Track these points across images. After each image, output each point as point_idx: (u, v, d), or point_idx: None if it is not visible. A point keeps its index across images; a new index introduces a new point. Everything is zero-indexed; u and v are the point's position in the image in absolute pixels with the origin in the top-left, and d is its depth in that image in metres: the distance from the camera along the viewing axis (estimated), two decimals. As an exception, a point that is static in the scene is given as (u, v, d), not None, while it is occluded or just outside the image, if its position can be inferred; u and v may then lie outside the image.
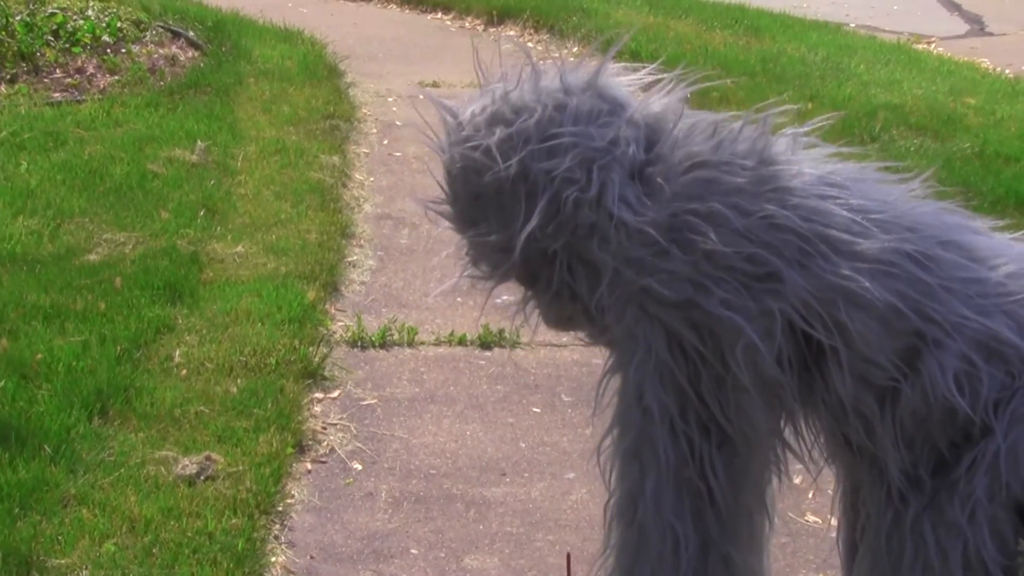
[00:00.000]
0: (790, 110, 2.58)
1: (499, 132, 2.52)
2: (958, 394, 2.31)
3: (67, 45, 8.38)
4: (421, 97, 8.43)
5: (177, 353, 4.58)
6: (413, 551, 3.69)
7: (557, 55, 9.78)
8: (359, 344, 4.90)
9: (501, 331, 4.97)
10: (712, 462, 2.36)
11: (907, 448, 2.37)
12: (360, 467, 4.11)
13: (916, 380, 2.33)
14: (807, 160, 2.46)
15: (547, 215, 2.42)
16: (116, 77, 8.06)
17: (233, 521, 3.64)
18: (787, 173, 2.39)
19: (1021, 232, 2.61)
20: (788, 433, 2.50)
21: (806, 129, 2.50)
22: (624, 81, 2.59)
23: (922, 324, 2.32)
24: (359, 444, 4.24)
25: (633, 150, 2.41)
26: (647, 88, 2.56)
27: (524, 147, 2.45)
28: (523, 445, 4.27)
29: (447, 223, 2.80)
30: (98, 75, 8.10)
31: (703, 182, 2.35)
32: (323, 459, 4.14)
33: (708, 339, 2.32)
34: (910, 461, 2.38)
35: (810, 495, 3.89)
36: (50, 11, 8.68)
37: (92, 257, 5.30)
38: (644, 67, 2.67)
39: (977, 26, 11.73)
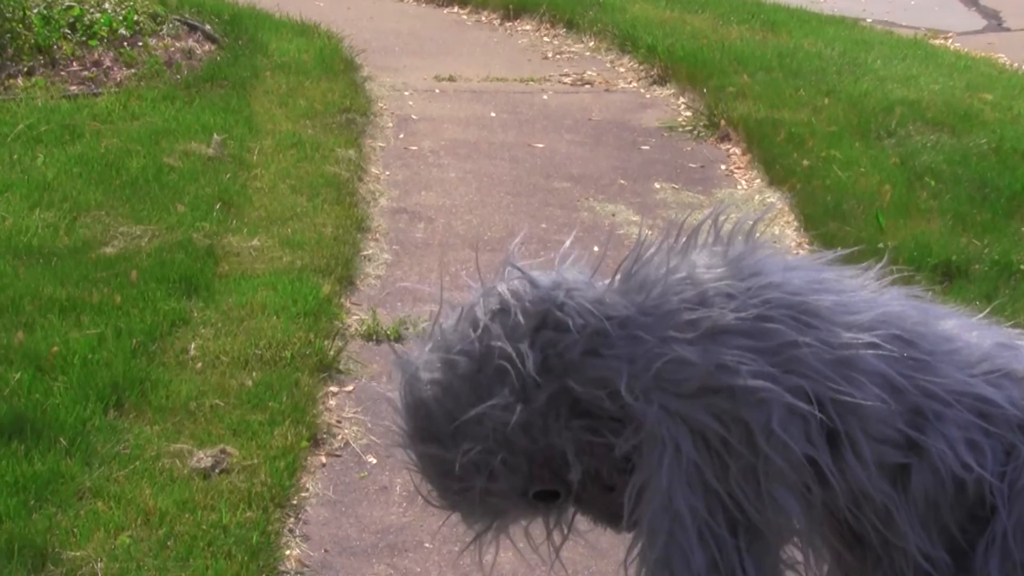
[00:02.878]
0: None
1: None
2: (964, 467, 2.29)
3: (84, 38, 8.39)
4: (437, 91, 8.44)
5: (192, 346, 4.59)
6: (427, 545, 3.69)
7: (575, 49, 9.78)
8: (374, 338, 4.90)
9: (516, 325, 4.96)
10: (743, 562, 2.31)
11: (925, 533, 2.35)
12: (375, 461, 4.12)
13: (924, 457, 2.31)
14: (767, 252, 2.41)
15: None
16: (133, 70, 8.06)
17: (248, 514, 3.64)
18: (756, 261, 2.36)
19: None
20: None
21: (757, 218, 2.42)
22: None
23: (920, 399, 2.30)
24: (374, 438, 4.24)
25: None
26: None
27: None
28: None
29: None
30: (115, 68, 8.11)
31: (681, 280, 2.31)
32: (338, 453, 4.15)
33: (733, 427, 2.23)
34: (926, 548, 2.35)
35: None
36: (67, 4, 8.68)
37: (108, 250, 5.31)
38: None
39: (994, 22, 11.71)
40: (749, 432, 2.23)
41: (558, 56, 9.70)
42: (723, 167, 7.12)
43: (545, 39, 10.23)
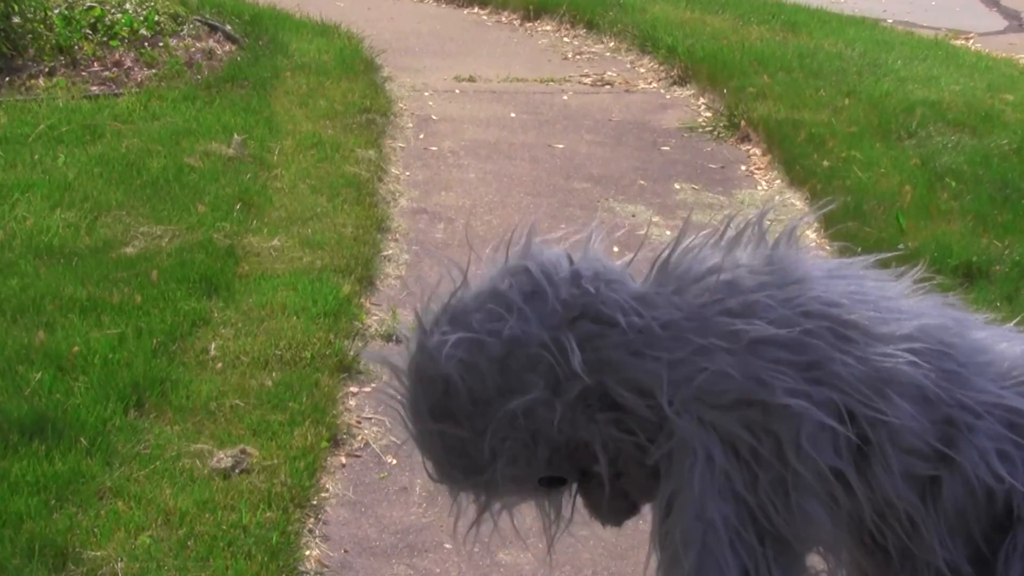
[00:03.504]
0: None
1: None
2: (996, 478, 2.28)
3: (105, 39, 8.41)
4: (457, 92, 8.44)
5: (213, 346, 4.59)
6: (447, 545, 3.69)
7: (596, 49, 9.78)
8: (394, 338, 4.90)
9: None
10: (772, 571, 2.28)
11: (951, 543, 2.34)
12: (395, 461, 4.12)
13: (955, 468, 2.30)
14: (810, 257, 2.40)
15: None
16: (153, 71, 8.08)
17: (268, 514, 3.65)
18: (799, 266, 2.34)
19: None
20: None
21: (803, 221, 2.41)
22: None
23: (954, 410, 2.29)
24: (394, 438, 4.24)
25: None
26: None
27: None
28: (557, 440, 4.26)
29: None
30: (135, 69, 8.13)
31: (724, 284, 2.27)
32: (357, 453, 4.15)
33: (764, 439, 2.22)
34: (951, 558, 2.34)
35: None
36: (88, 5, 8.70)
37: (129, 250, 5.32)
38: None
39: (1015, 22, 11.68)
40: (779, 445, 2.22)
41: (578, 57, 9.69)
42: (743, 168, 7.11)
43: (565, 40, 10.23)
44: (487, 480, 2.34)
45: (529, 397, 2.21)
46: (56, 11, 8.40)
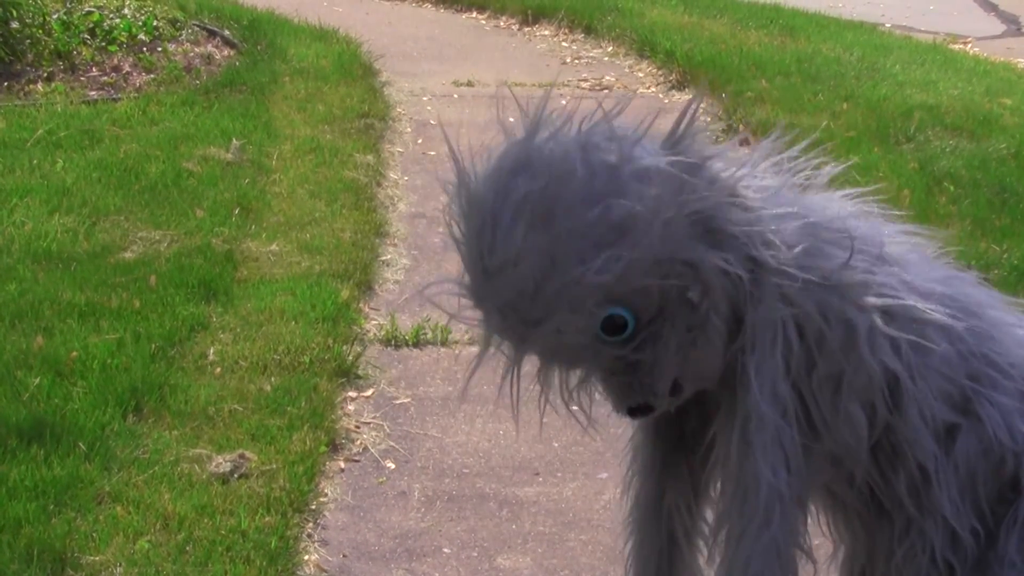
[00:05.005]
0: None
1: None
2: (1012, 436, 2.30)
3: (103, 44, 8.41)
4: (456, 96, 8.45)
5: (211, 351, 4.59)
6: (446, 550, 3.69)
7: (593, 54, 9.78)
8: (393, 343, 4.91)
9: (534, 331, 4.96)
10: (802, 473, 2.29)
11: (960, 504, 2.35)
12: (393, 466, 4.12)
13: (974, 421, 2.32)
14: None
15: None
16: (152, 76, 8.09)
17: (266, 519, 3.65)
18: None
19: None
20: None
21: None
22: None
23: (980, 365, 2.32)
24: (392, 443, 4.25)
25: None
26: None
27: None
28: (556, 445, 4.27)
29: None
30: (134, 73, 8.13)
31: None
32: (356, 458, 4.15)
33: (835, 326, 2.23)
34: (958, 520, 2.35)
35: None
36: (87, 10, 8.71)
37: (127, 255, 5.32)
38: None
39: (1014, 26, 11.68)
40: (851, 336, 2.24)
41: (576, 61, 9.70)
42: (742, 172, 7.10)
43: (563, 44, 10.23)
44: (557, 299, 2.13)
45: (641, 202, 2.10)
46: (55, 16, 8.40)
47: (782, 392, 2.22)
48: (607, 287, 2.08)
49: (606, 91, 8.79)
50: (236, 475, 3.86)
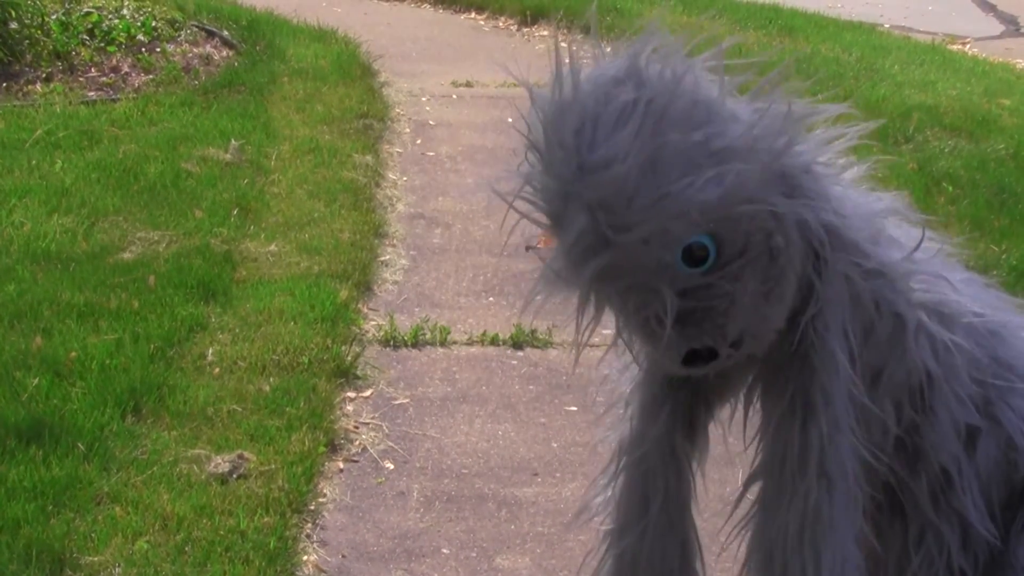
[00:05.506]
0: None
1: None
2: None
3: (102, 44, 8.41)
4: (455, 97, 8.44)
5: (210, 352, 4.59)
6: (444, 550, 3.69)
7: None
8: (391, 343, 4.91)
9: (534, 331, 4.97)
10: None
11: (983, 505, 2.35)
12: (392, 466, 4.12)
13: (995, 424, 2.32)
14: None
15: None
16: (151, 76, 8.08)
17: (265, 519, 3.65)
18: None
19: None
20: None
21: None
22: None
23: (998, 368, 2.32)
24: (391, 443, 4.25)
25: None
26: None
27: None
28: (555, 445, 4.27)
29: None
30: (133, 74, 8.13)
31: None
32: (355, 458, 4.15)
33: (886, 317, 2.25)
34: (980, 522, 2.34)
35: None
36: (85, 10, 8.71)
37: (126, 256, 5.32)
38: None
39: (1012, 27, 11.68)
40: (899, 329, 2.25)
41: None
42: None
43: (563, 44, 10.21)
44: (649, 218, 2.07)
45: (739, 139, 2.10)
46: (53, 17, 8.40)
47: (847, 367, 2.22)
48: (705, 206, 2.04)
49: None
50: (235, 475, 3.86)
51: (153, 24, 8.83)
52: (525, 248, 2.32)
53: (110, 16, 8.75)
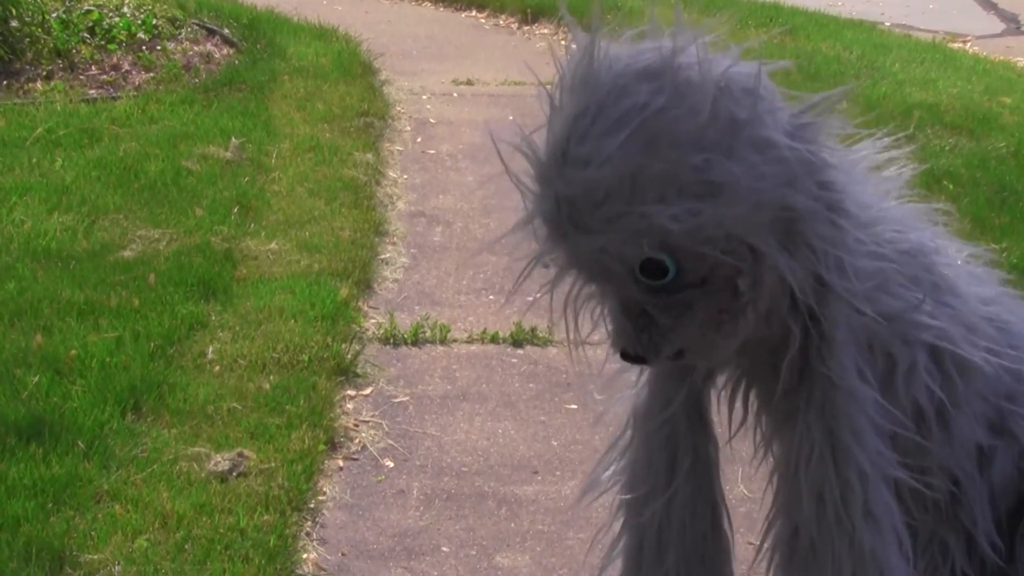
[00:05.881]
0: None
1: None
2: None
3: (103, 42, 8.41)
4: (455, 95, 8.44)
5: (210, 350, 4.59)
6: (444, 549, 3.69)
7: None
8: (391, 341, 4.91)
9: (534, 329, 4.97)
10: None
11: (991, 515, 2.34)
12: (392, 464, 4.12)
13: (1009, 441, 2.31)
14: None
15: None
16: (151, 74, 8.08)
17: (265, 518, 3.65)
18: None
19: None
20: None
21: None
22: None
23: (1014, 383, 2.31)
24: (391, 441, 4.24)
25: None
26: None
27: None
28: (555, 443, 4.27)
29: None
30: (133, 72, 8.13)
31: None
32: (355, 456, 4.15)
33: (878, 358, 2.21)
34: (990, 535, 2.33)
35: None
36: (86, 8, 8.71)
37: (126, 254, 5.32)
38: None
39: (1013, 25, 11.67)
40: (891, 367, 2.22)
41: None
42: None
43: (563, 43, 10.21)
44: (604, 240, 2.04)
45: (746, 172, 2.02)
46: (54, 15, 8.40)
47: (872, 400, 2.19)
48: (670, 235, 2.00)
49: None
50: (235, 473, 3.86)
51: (154, 22, 8.83)
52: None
53: (111, 14, 8.75)
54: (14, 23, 8.00)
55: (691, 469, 2.53)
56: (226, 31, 9.21)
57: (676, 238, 2.00)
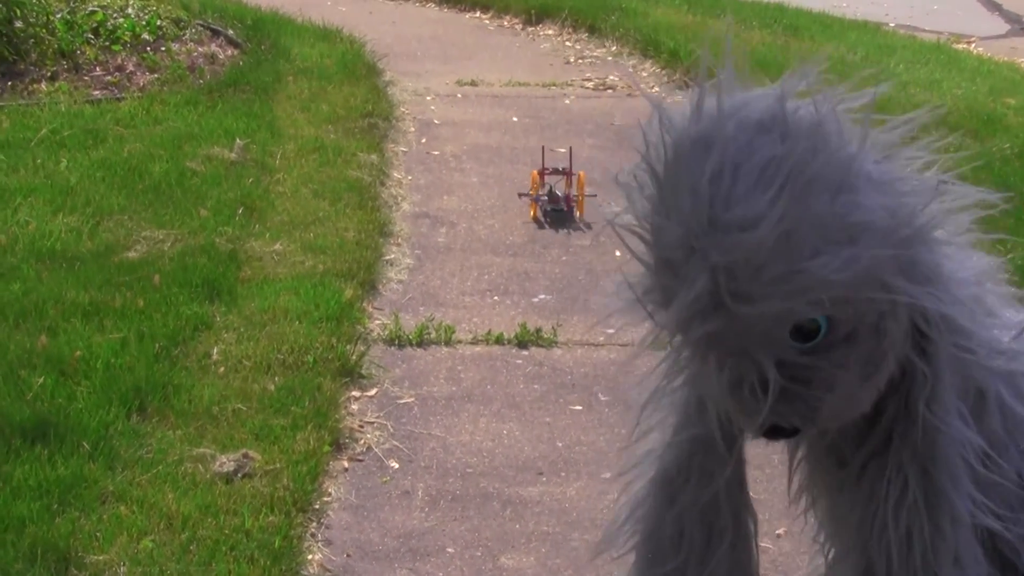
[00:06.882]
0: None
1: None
2: None
3: (107, 43, 8.41)
4: (459, 96, 8.44)
5: (215, 351, 4.59)
6: (449, 550, 3.69)
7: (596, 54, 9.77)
8: (396, 342, 4.91)
9: (538, 330, 4.97)
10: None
11: None
12: (397, 465, 4.12)
13: None
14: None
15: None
16: (156, 75, 8.08)
17: (270, 519, 3.65)
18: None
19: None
20: None
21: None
22: None
23: None
24: (396, 442, 4.25)
25: None
26: None
27: None
28: (560, 444, 4.27)
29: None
30: (138, 73, 8.12)
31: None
32: (360, 457, 4.15)
33: (970, 393, 2.17)
34: None
35: None
36: (90, 9, 8.70)
37: (131, 255, 5.32)
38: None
39: (1017, 26, 11.66)
40: (982, 400, 2.18)
41: (580, 61, 9.69)
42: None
43: (567, 44, 10.22)
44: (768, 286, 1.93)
45: (876, 209, 1.96)
46: (58, 16, 8.39)
47: (971, 446, 2.13)
48: (835, 287, 1.91)
49: (610, 91, 8.79)
50: (240, 475, 3.86)
51: (158, 23, 8.83)
52: (518, 195, 2.23)
53: (115, 15, 8.74)
54: (18, 24, 8.00)
55: (731, 546, 2.41)
56: (230, 32, 9.21)
57: (840, 291, 1.92)
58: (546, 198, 6.22)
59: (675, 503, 2.40)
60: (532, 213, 6.21)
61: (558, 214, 6.22)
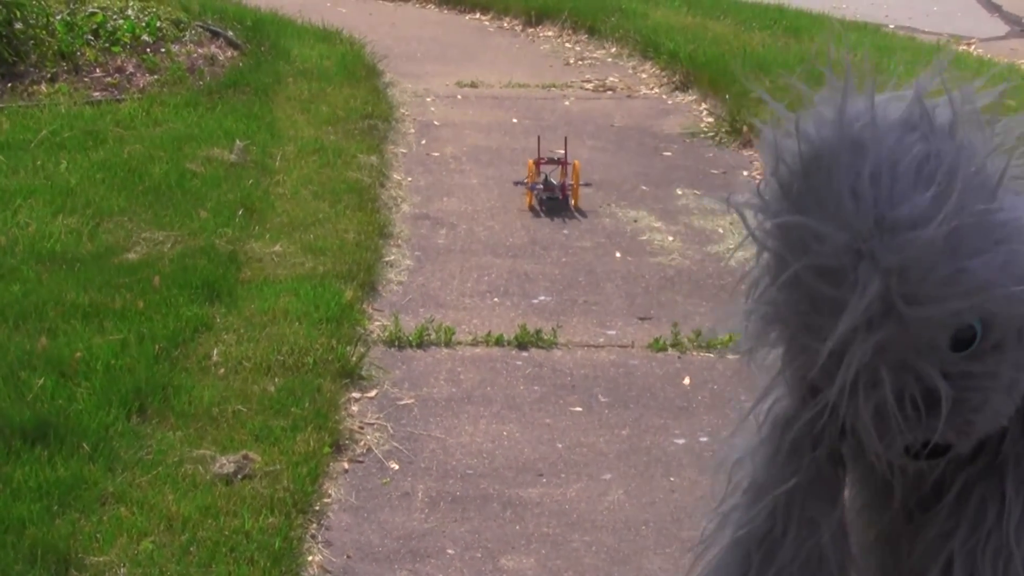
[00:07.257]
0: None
1: None
2: None
3: (107, 44, 8.41)
4: (459, 97, 8.44)
5: (215, 352, 4.59)
6: (449, 551, 3.69)
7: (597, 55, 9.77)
8: (396, 344, 4.91)
9: (538, 331, 4.97)
10: None
11: None
12: (397, 467, 4.12)
13: None
14: None
15: None
16: (155, 76, 8.08)
17: (270, 520, 3.65)
18: None
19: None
20: None
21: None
22: None
23: None
24: (396, 444, 4.24)
25: None
26: None
27: None
28: (560, 446, 4.27)
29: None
30: (137, 74, 8.13)
31: None
32: (360, 459, 4.15)
33: None
34: None
35: None
36: (90, 11, 8.71)
37: (131, 256, 5.32)
38: None
39: (1017, 27, 11.66)
40: None
41: (580, 62, 9.70)
42: (745, 173, 7.11)
43: (567, 45, 10.23)
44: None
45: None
46: (58, 17, 8.40)
47: None
48: (996, 287, 1.84)
49: (609, 92, 8.79)
50: (240, 476, 3.86)
51: (158, 24, 8.84)
52: (513, 183, 2.19)
53: (115, 16, 8.75)
54: (18, 25, 8.00)
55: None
56: (230, 33, 9.21)
57: (998, 290, 1.84)
58: (541, 187, 6.29)
59: (772, 562, 2.20)
60: (528, 201, 6.26)
61: (553, 202, 6.30)
